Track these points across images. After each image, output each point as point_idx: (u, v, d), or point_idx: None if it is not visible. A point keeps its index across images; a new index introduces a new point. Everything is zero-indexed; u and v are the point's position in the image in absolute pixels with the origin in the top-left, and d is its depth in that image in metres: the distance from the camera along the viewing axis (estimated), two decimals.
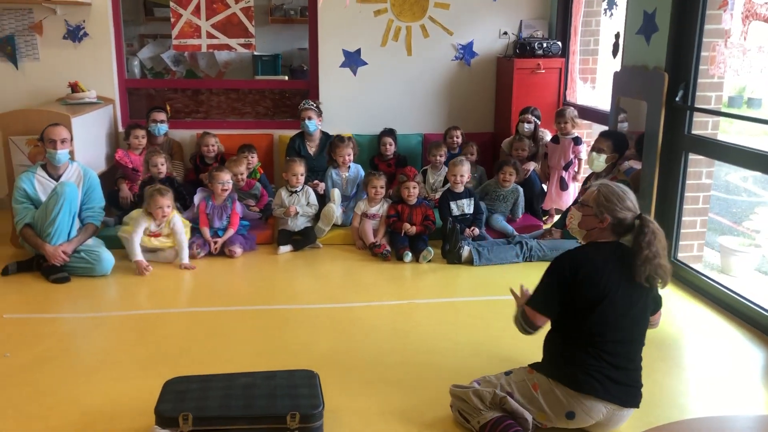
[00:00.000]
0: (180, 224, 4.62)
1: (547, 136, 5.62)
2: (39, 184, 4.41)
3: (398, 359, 3.26)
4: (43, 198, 4.36)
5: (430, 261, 4.69)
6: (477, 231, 4.86)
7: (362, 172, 5.37)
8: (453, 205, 4.92)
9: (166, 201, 4.50)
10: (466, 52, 6.09)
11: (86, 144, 5.01)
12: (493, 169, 5.37)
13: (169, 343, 3.44)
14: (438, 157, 5.51)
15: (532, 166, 5.46)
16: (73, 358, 3.30)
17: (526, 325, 2.64)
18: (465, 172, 4.93)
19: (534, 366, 2.66)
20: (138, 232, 4.49)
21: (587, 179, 4.93)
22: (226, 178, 4.80)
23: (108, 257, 4.36)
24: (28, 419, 2.71)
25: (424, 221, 4.92)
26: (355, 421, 2.73)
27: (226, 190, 4.81)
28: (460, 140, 5.78)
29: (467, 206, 4.95)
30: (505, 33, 6.08)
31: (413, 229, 4.84)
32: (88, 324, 3.71)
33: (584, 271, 2.51)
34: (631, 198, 2.60)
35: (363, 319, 3.77)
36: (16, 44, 5.64)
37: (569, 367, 2.53)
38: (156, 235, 4.59)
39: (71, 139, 4.49)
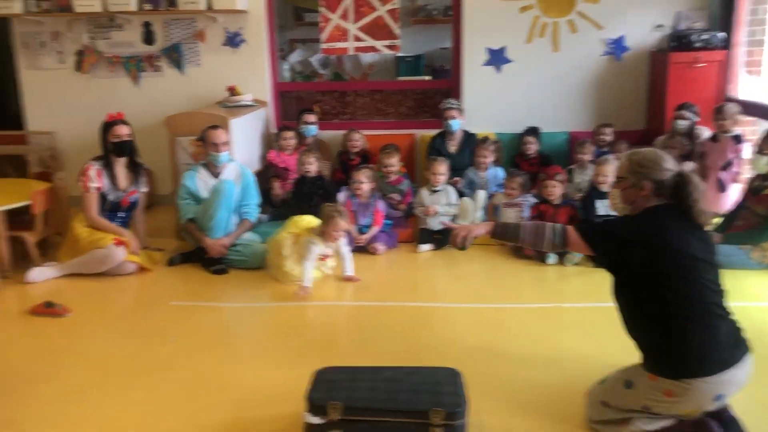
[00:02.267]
0: (344, 240, 4.42)
1: (705, 133, 5.26)
2: (201, 182, 4.75)
3: (543, 363, 3.20)
4: (205, 195, 4.70)
5: (576, 264, 4.55)
6: None
7: (501, 175, 5.31)
8: (599, 203, 4.73)
9: (345, 224, 4.23)
10: (617, 46, 5.83)
11: (243, 144, 5.33)
12: None
13: (318, 335, 3.59)
14: (582, 156, 5.33)
15: (688, 166, 5.13)
16: (232, 345, 3.53)
17: (562, 238, 2.53)
18: (610, 172, 4.72)
19: (650, 370, 2.43)
20: (313, 259, 4.19)
21: (752, 181, 4.56)
22: (359, 177, 4.94)
23: (262, 251, 4.61)
24: (193, 400, 2.93)
25: (569, 223, 4.77)
26: (497, 422, 2.71)
27: (358, 188, 4.93)
28: (609, 138, 5.56)
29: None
30: (660, 25, 5.76)
31: None
32: (244, 313, 3.96)
33: (656, 239, 2.38)
34: (666, 158, 2.51)
35: (506, 320, 3.73)
36: (182, 51, 6.12)
37: (692, 355, 2.33)
38: (325, 258, 4.37)
39: (229, 140, 4.80)
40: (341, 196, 5.10)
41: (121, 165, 4.63)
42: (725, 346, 2.36)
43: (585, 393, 2.70)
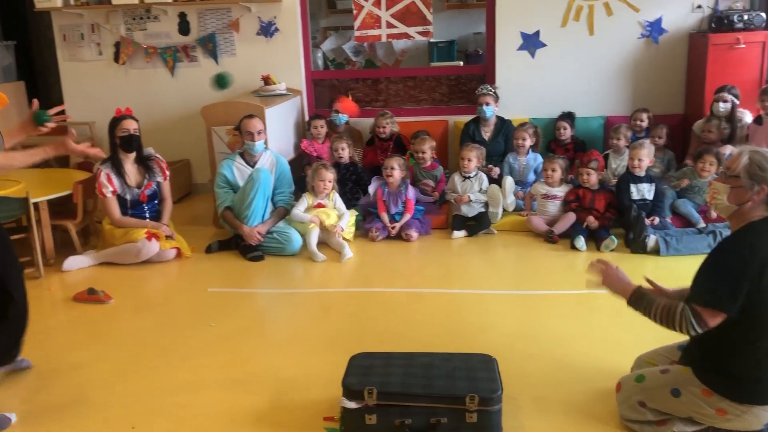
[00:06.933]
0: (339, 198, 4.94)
1: (747, 116, 5.14)
2: (237, 171, 4.82)
3: (579, 349, 3.19)
4: (241, 183, 4.76)
5: (612, 250, 4.50)
6: (657, 220, 4.59)
7: (540, 160, 5.27)
8: (633, 188, 4.69)
9: (331, 174, 4.82)
10: (654, 29, 5.72)
11: (277, 133, 5.38)
12: (692, 156, 5.01)
13: (352, 321, 3.63)
14: (616, 141, 5.26)
15: (728, 149, 5.02)
16: (268, 330, 3.60)
17: (698, 324, 2.25)
18: (645, 155, 4.68)
19: (709, 386, 2.34)
20: (301, 208, 4.82)
21: None
22: (390, 164, 4.96)
23: (297, 238, 4.65)
24: (232, 383, 2.99)
25: (608, 209, 4.74)
26: (533, 408, 2.72)
27: (390, 175, 4.94)
28: (645, 123, 5.47)
29: (648, 191, 4.69)
30: (699, 6, 5.63)
31: (595, 223, 4.67)
32: (279, 299, 4.02)
33: (762, 274, 2.18)
34: None
35: (540, 307, 3.72)
36: (217, 41, 6.18)
37: (763, 382, 2.27)
38: (320, 206, 4.81)
39: (265, 129, 4.85)
40: (371, 187, 5.12)
41: (129, 162, 4.64)
42: None
43: (617, 386, 2.64)
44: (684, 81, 5.82)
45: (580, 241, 4.56)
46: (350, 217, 4.93)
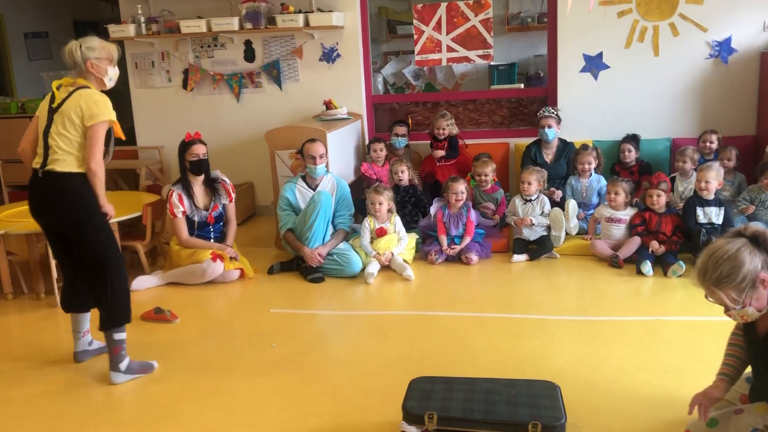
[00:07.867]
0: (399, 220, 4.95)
1: None
2: (299, 193, 4.90)
3: (645, 378, 3.09)
4: (303, 206, 4.84)
5: (680, 276, 4.37)
6: None
7: (603, 182, 5.17)
8: (699, 211, 4.54)
9: (379, 197, 4.79)
10: (723, 48, 5.57)
11: (338, 156, 5.45)
12: (755, 172, 4.85)
13: (412, 344, 3.61)
14: (682, 164, 5.12)
15: None
16: (328, 352, 3.61)
17: None
18: (712, 178, 4.53)
19: None
20: (365, 235, 4.84)
21: None
22: (460, 188, 4.94)
23: (356, 260, 4.69)
24: (292, 405, 3.02)
25: (675, 233, 4.60)
26: None
27: (460, 200, 4.93)
28: (714, 145, 5.31)
29: (715, 216, 4.53)
30: None
31: (661, 249, 4.54)
32: (339, 321, 4.04)
33: None
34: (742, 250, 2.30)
35: (604, 333, 3.63)
36: (281, 68, 6.33)
37: None
38: (382, 232, 4.82)
39: (326, 153, 4.92)
40: (432, 208, 5.12)
41: (198, 184, 4.77)
42: None
43: None
44: (756, 101, 5.63)
45: (647, 266, 4.44)
46: (410, 240, 4.93)
